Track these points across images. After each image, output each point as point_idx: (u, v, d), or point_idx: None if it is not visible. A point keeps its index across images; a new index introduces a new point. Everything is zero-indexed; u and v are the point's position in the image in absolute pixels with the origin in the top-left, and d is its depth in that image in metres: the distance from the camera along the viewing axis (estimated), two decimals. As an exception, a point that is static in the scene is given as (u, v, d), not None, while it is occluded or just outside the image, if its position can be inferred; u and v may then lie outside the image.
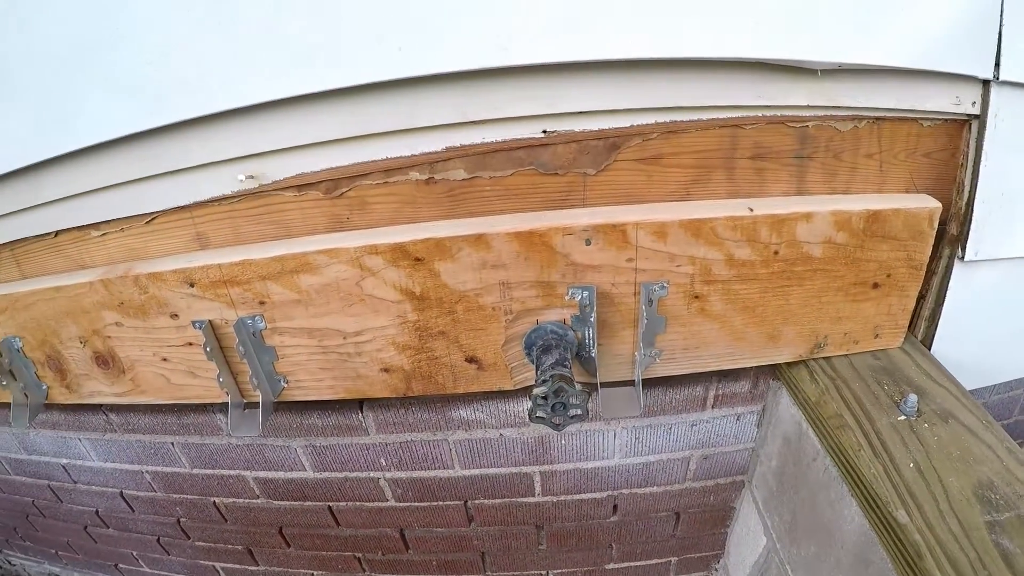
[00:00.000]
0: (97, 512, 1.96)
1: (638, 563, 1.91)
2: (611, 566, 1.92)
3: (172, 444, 1.58)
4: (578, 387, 1.03)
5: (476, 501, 1.62)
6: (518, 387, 1.25)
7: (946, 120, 1.12)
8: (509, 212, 1.13)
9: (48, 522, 2.19)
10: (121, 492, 1.81)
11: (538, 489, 1.59)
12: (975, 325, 1.28)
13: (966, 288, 1.23)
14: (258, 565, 1.99)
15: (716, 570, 1.97)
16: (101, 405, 1.56)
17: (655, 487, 1.61)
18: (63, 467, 1.82)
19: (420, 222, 1.14)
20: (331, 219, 1.16)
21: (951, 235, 1.19)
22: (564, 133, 1.06)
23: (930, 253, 1.16)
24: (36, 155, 1.12)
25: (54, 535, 2.28)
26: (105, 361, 1.32)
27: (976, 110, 1.10)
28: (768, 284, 1.14)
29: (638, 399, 1.17)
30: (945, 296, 1.24)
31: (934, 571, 0.86)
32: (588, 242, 1.07)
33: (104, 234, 1.25)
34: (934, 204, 1.11)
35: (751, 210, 1.08)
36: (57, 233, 1.27)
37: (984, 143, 1.11)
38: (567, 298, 1.12)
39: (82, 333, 1.28)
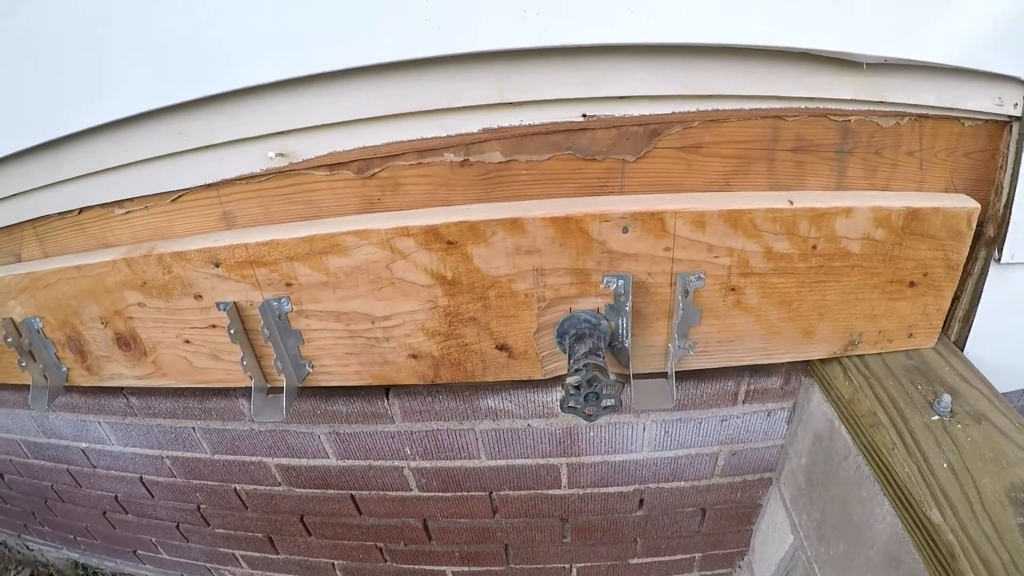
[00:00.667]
0: (116, 497, 1.92)
1: (662, 558, 1.85)
2: (635, 561, 1.86)
3: (193, 429, 1.54)
4: (612, 377, 0.96)
5: (501, 492, 1.57)
6: (548, 376, 1.20)
7: (987, 121, 1.07)
8: (545, 197, 1.09)
9: (67, 507, 2.14)
10: (141, 477, 1.77)
11: (564, 481, 1.53)
12: (1009, 328, 1.22)
13: (1001, 290, 1.17)
14: (278, 553, 1.95)
15: (740, 567, 1.91)
16: (122, 388, 1.51)
17: (682, 482, 1.55)
18: (82, 451, 1.77)
19: (453, 205, 1.09)
20: (362, 200, 1.11)
21: (988, 237, 1.14)
22: (604, 118, 1.01)
23: (967, 253, 1.09)
24: (60, 129, 1.07)
25: (72, 520, 2.23)
26: (127, 343, 1.28)
27: (1018, 112, 1.05)
28: (805, 279, 1.09)
29: (671, 391, 1.11)
30: (980, 298, 1.18)
31: (968, 572, 0.83)
32: (625, 230, 1.02)
33: (128, 212, 1.20)
34: (973, 204, 1.06)
35: (791, 203, 1.02)
36: (80, 210, 1.23)
37: None
38: (602, 286, 1.07)
39: (103, 314, 1.24)
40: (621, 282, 1.05)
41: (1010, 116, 1.05)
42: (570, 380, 0.97)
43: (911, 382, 1.13)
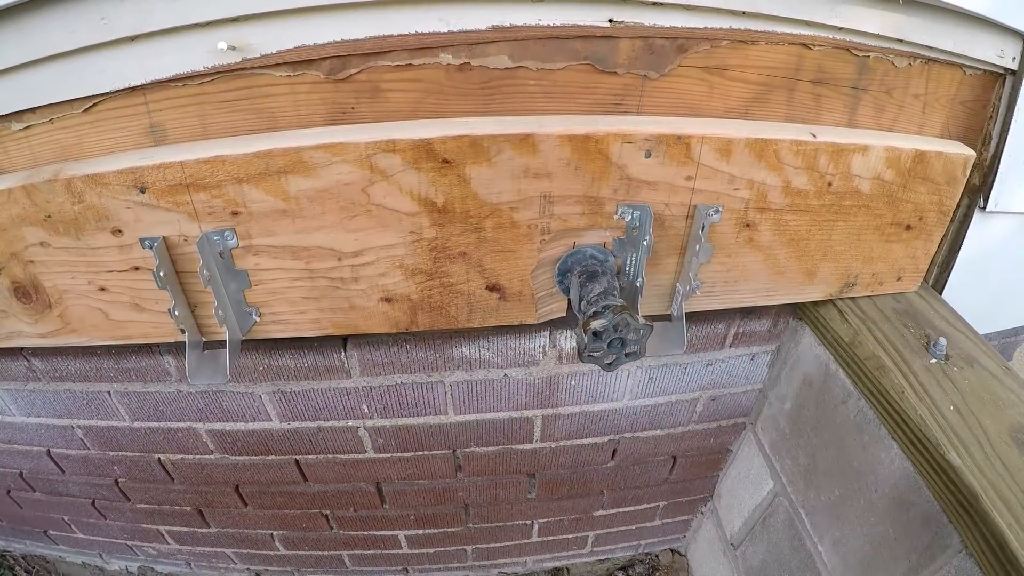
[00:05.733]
0: (21, 474, 1.45)
1: (627, 509, 1.65)
2: (599, 513, 1.65)
3: (109, 394, 1.14)
4: (641, 320, 0.71)
5: (467, 449, 1.30)
6: (542, 320, 0.94)
7: (985, 71, 0.96)
8: (553, 113, 0.82)
9: (-36, 487, 1.63)
10: (48, 451, 1.33)
11: (537, 435, 1.29)
12: (984, 273, 1.14)
13: (981, 237, 1.08)
14: (209, 527, 1.55)
15: (703, 513, 1.76)
16: (21, 349, 1.09)
17: (658, 430, 1.35)
18: (-25, 425, 1.31)
19: (444, 118, 0.80)
20: (331, 108, 0.79)
21: (973, 184, 1.03)
22: (632, 25, 0.76)
23: (958, 200, 0.97)
24: None
25: (-31, 502, 1.71)
26: (26, 293, 0.89)
27: (1015, 66, 0.94)
28: (817, 217, 0.91)
29: (681, 335, 0.89)
30: (962, 244, 1.07)
31: (991, 512, 0.74)
32: (648, 154, 0.78)
33: (28, 127, 0.81)
34: (969, 151, 0.94)
35: (814, 136, 0.84)
36: None
37: (1018, 98, 0.95)
38: (616, 217, 0.83)
39: None
40: (638, 213, 0.82)
41: (1006, 68, 0.95)
42: (594, 325, 0.72)
43: (904, 325, 1.00)
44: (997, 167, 0.99)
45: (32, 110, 0.80)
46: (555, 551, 1.83)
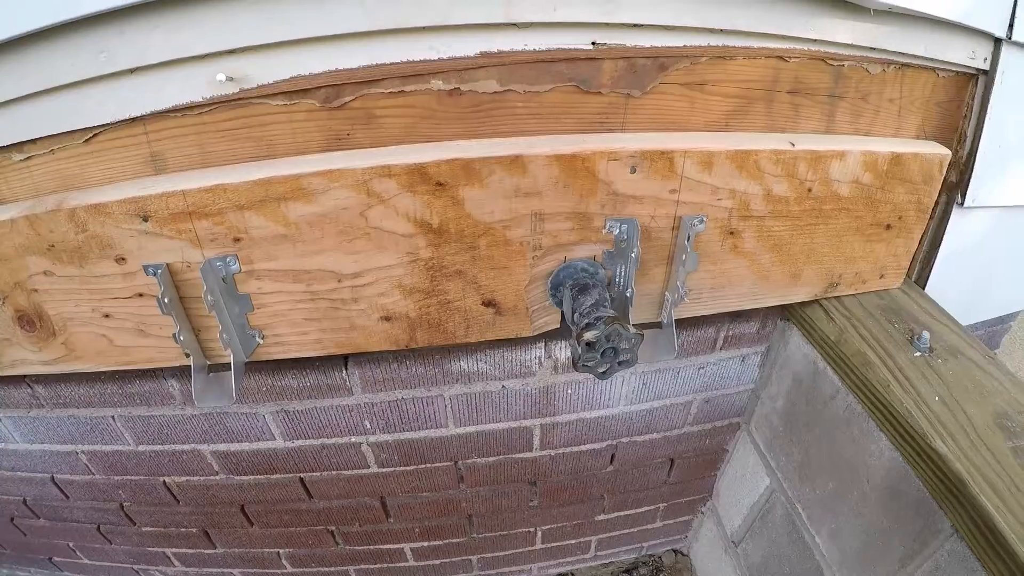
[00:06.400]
0: (25, 501, 1.47)
1: (628, 512, 1.70)
2: (601, 517, 1.70)
3: (113, 418, 1.18)
4: (632, 330, 0.77)
5: (468, 461, 1.35)
6: (536, 333, 0.98)
7: (958, 73, 1.03)
8: (540, 133, 0.88)
9: (-34, 516, 1.66)
10: (52, 477, 1.36)
11: (536, 443, 1.34)
12: (964, 267, 1.20)
13: (961, 232, 1.14)
14: (215, 548, 1.59)
15: (703, 513, 1.81)
16: (24, 377, 1.13)
17: (655, 434, 1.40)
18: (-19, 452, 1.34)
19: (436, 141, 0.85)
20: (327, 136, 0.84)
21: (950, 182, 1.10)
22: (614, 47, 0.82)
23: (936, 198, 1.03)
24: None
25: (-27, 530, 1.74)
26: (30, 322, 0.93)
27: (986, 66, 1.01)
28: (798, 222, 0.97)
29: (672, 342, 0.95)
30: (942, 239, 1.13)
31: (979, 496, 0.79)
32: (633, 170, 0.84)
33: (29, 157, 0.85)
34: (944, 151, 1.01)
35: (792, 145, 0.90)
36: None
37: (991, 98, 1.02)
38: (604, 232, 0.88)
39: (0, 287, 0.88)
40: (626, 227, 0.87)
41: (978, 69, 1.02)
42: (587, 336, 0.77)
43: (888, 321, 1.06)
44: (973, 164, 1.05)
45: (33, 141, 0.84)
46: (559, 557, 1.87)
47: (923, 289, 1.17)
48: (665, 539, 1.94)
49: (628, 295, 0.91)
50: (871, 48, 0.93)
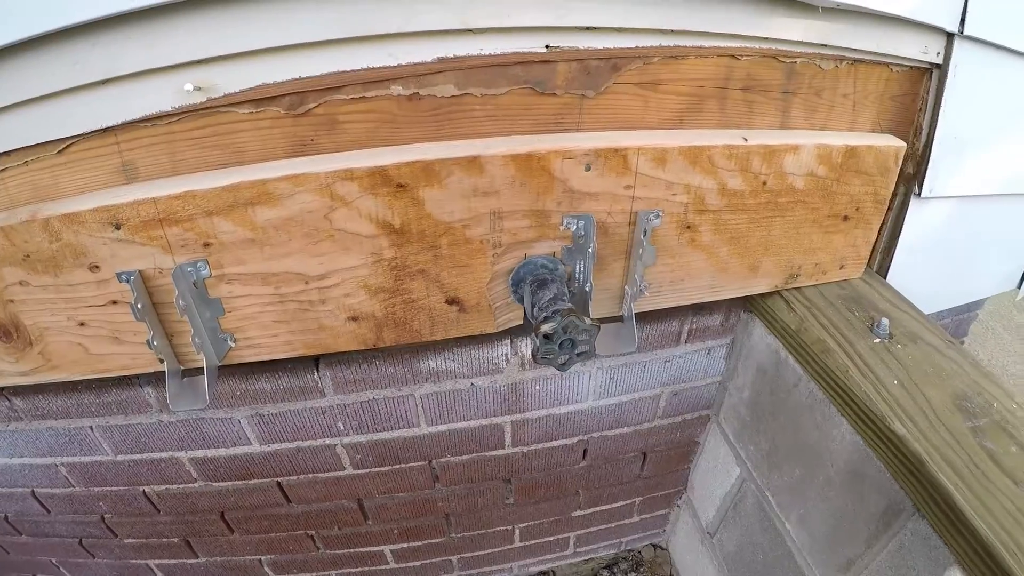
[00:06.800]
0: (6, 518, 1.51)
1: (604, 507, 1.76)
2: (577, 513, 1.76)
3: (91, 428, 1.22)
4: (587, 321, 0.82)
5: (442, 459, 1.40)
6: (501, 329, 1.04)
7: (911, 67, 1.09)
8: (498, 135, 0.94)
9: (-53, 536, 1.69)
10: (32, 491, 1.39)
11: (508, 440, 1.39)
12: (924, 257, 1.27)
13: (919, 222, 1.22)
14: (198, 557, 1.63)
15: (679, 506, 1.87)
16: (2, 389, 1.17)
17: (625, 428, 1.46)
18: (-42, 470, 1.38)
19: (397, 144, 0.91)
20: (292, 141, 0.90)
21: (907, 174, 1.18)
22: (568, 49, 0.88)
23: (892, 189, 1.10)
24: None
25: (-43, 548, 1.77)
26: (7, 332, 0.97)
27: (939, 60, 1.07)
28: (755, 215, 1.04)
29: (632, 334, 1.01)
30: (901, 230, 1.20)
31: (937, 474, 0.84)
32: (588, 167, 0.89)
33: (3, 169, 0.90)
34: (899, 143, 1.08)
35: (745, 140, 0.97)
36: None
37: (944, 91, 1.08)
38: (562, 228, 0.94)
39: None
40: (582, 223, 0.93)
41: (932, 63, 1.07)
42: (544, 328, 0.82)
43: (848, 310, 1.13)
44: (929, 156, 1.11)
45: (7, 153, 0.88)
46: (539, 554, 1.93)
47: (885, 278, 1.23)
48: (643, 533, 2.00)
49: (587, 289, 0.96)
50: (823, 45, 0.99)
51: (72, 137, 0.87)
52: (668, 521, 1.96)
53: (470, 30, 0.83)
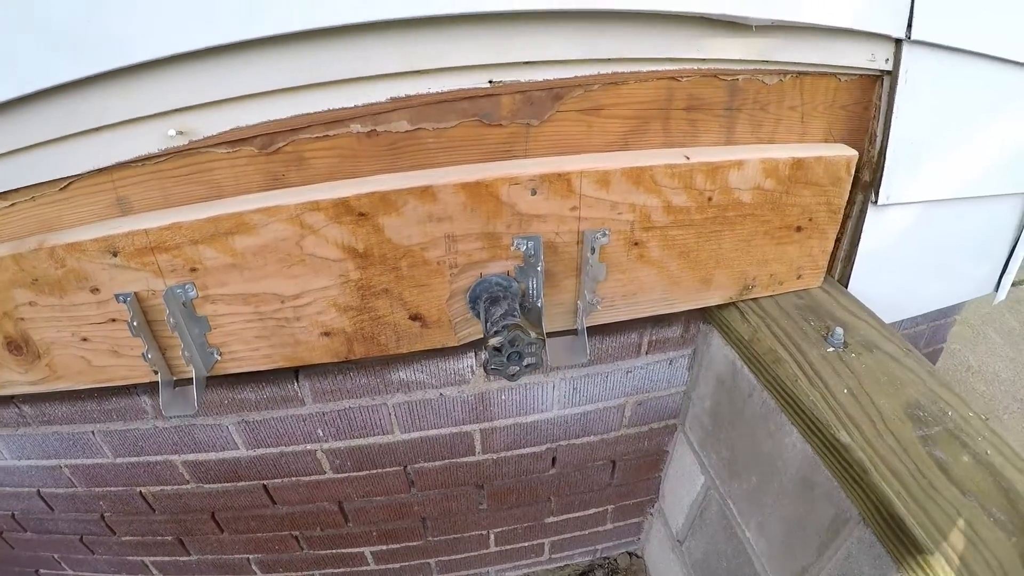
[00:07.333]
0: (13, 516, 1.85)
1: (577, 514, 2.02)
2: (550, 519, 2.02)
3: (93, 433, 1.52)
4: (532, 335, 1.07)
5: (416, 465, 1.67)
6: (462, 343, 1.29)
7: (861, 75, 1.26)
8: (452, 164, 1.16)
9: (-44, 533, 2.04)
10: (39, 491, 1.72)
11: (478, 448, 1.65)
12: (888, 264, 1.44)
13: (879, 230, 1.38)
14: (190, 555, 1.95)
15: (651, 514, 2.12)
16: (12, 397, 1.47)
17: (592, 436, 1.71)
18: (-30, 472, 1.70)
19: (360, 177, 1.15)
20: (266, 177, 1.15)
21: (864, 181, 1.34)
22: (510, 83, 1.10)
23: (847, 198, 1.28)
24: None
25: (-36, 545, 2.13)
26: (18, 347, 1.25)
27: (889, 67, 1.23)
28: (702, 229, 1.23)
29: (584, 346, 1.23)
30: (860, 238, 1.38)
31: (880, 483, 0.97)
32: (534, 192, 1.11)
33: (12, 204, 1.17)
34: (851, 152, 1.25)
35: (687, 158, 1.16)
36: None
37: (896, 97, 1.24)
38: (512, 249, 1.17)
39: None
40: (531, 243, 1.15)
41: (882, 70, 1.24)
42: (492, 341, 1.06)
43: (804, 319, 1.31)
44: (883, 163, 1.29)
45: (16, 190, 1.14)
46: (515, 559, 2.21)
47: (847, 287, 1.41)
48: (618, 541, 2.27)
49: (539, 305, 1.20)
50: (763, 61, 1.17)
51: (72, 176, 1.12)
52: (642, 529, 2.22)
53: (417, 71, 1.06)
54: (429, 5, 0.96)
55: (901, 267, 1.48)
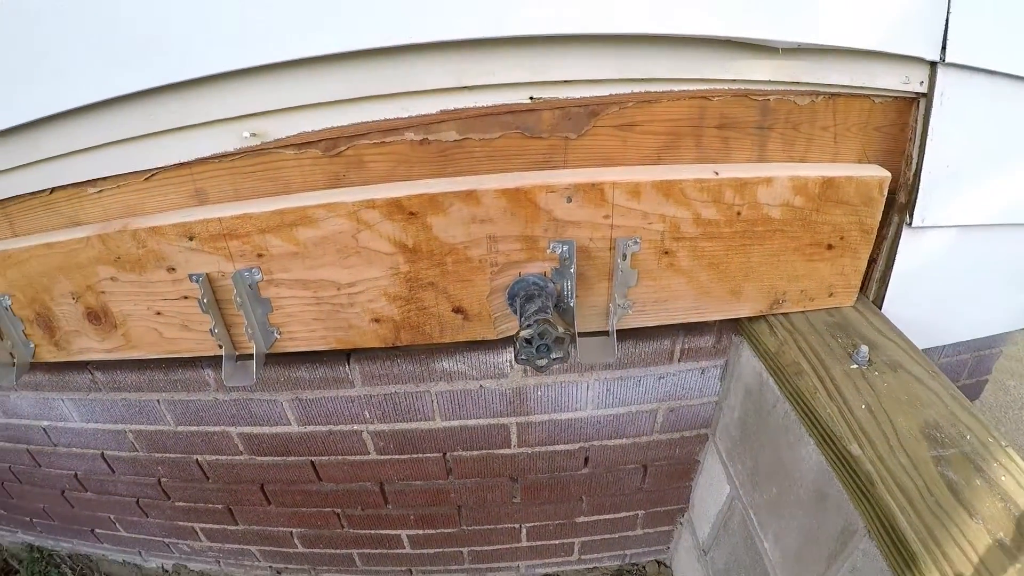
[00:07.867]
0: (76, 476, 2.12)
1: (607, 516, 2.16)
2: (581, 519, 2.16)
3: (158, 401, 1.75)
4: (560, 330, 1.22)
5: (455, 453, 1.83)
6: (500, 336, 1.44)
7: (895, 97, 1.34)
8: (495, 172, 1.32)
9: (24, 488, 2.33)
10: (102, 453, 1.97)
11: (514, 440, 1.81)
12: (923, 287, 1.50)
13: (914, 252, 1.44)
14: (237, 524, 2.18)
15: (681, 524, 2.22)
16: (87, 363, 1.70)
17: (624, 439, 1.84)
18: (43, 430, 1.96)
19: (413, 180, 1.32)
20: (329, 176, 1.33)
21: (900, 203, 1.41)
22: (549, 100, 1.25)
23: (880, 219, 1.36)
24: (34, 112, 1.24)
25: (29, 502, 2.43)
26: (97, 316, 1.46)
27: (924, 89, 1.31)
28: (731, 242, 1.34)
29: (612, 347, 1.37)
30: (895, 259, 1.44)
31: (885, 495, 1.03)
32: (569, 199, 1.25)
33: (101, 191, 1.39)
34: (884, 173, 1.33)
35: (716, 173, 1.27)
36: (52, 190, 1.41)
37: (931, 119, 1.31)
38: (548, 251, 1.31)
39: (75, 289, 1.42)
40: (566, 247, 1.29)
41: (917, 93, 1.32)
42: (523, 333, 1.21)
43: (832, 336, 1.38)
44: (919, 185, 1.35)
45: (104, 179, 1.36)
46: (544, 557, 2.35)
47: (880, 308, 1.49)
48: (647, 548, 2.39)
49: (572, 305, 1.34)
50: (794, 83, 1.27)
51: (156, 168, 1.33)
52: (672, 538, 2.33)
53: (465, 87, 1.22)
54: (478, 28, 1.12)
55: (937, 291, 1.53)
